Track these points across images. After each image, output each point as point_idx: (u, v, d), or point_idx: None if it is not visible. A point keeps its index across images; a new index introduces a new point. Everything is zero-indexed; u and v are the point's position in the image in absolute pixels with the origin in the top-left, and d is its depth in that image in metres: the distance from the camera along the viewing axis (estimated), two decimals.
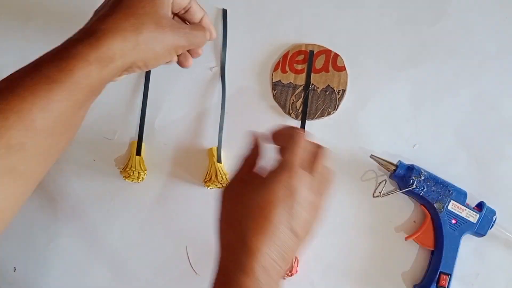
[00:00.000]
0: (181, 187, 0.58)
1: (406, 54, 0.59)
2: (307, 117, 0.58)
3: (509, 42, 0.58)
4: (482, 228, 0.53)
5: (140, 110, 0.59)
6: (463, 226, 0.53)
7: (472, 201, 0.55)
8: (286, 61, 0.59)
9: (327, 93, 0.58)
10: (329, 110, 0.58)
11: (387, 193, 0.56)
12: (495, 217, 0.54)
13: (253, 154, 0.46)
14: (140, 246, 0.57)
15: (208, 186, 0.56)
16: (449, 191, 0.54)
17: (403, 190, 0.55)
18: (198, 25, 0.50)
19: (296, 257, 0.55)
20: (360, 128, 0.58)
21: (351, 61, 0.59)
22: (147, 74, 0.60)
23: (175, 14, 0.49)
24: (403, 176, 0.54)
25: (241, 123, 0.59)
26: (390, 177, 0.56)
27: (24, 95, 0.37)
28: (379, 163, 0.56)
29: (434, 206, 0.54)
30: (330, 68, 0.58)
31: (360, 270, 0.56)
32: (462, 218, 0.53)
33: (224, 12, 0.60)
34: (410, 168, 0.54)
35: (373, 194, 0.56)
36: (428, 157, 0.56)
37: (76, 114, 0.41)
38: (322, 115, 0.58)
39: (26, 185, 0.40)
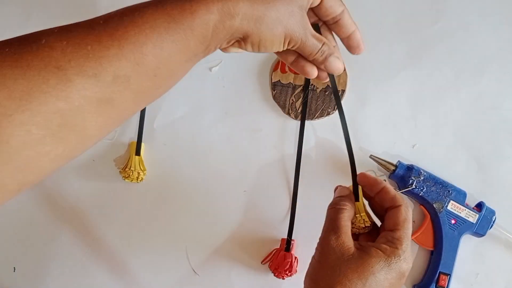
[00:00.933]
0: (180, 187, 0.58)
1: (406, 54, 0.59)
2: (306, 117, 0.58)
3: (509, 42, 0.58)
4: (481, 228, 0.53)
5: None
6: (463, 226, 0.53)
7: (472, 201, 0.55)
8: None
9: (326, 93, 0.58)
10: (329, 110, 0.58)
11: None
12: (494, 217, 0.53)
13: (348, 209, 0.44)
14: (140, 246, 0.57)
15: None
16: (449, 191, 0.53)
17: (403, 190, 0.54)
18: (334, 48, 0.45)
19: (295, 257, 0.55)
20: (360, 128, 0.58)
21: (351, 61, 0.59)
22: None
23: (323, 22, 0.45)
24: (403, 176, 0.54)
25: (240, 123, 0.59)
26: (389, 177, 0.56)
27: (143, 27, 0.36)
28: (378, 163, 0.55)
29: (433, 206, 0.53)
30: None
31: None
32: (461, 218, 0.53)
33: None
34: (410, 168, 0.54)
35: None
36: (427, 157, 0.56)
37: (181, 64, 0.39)
38: (321, 115, 0.58)
39: (117, 119, 0.38)
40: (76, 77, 0.33)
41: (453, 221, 0.53)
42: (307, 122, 0.58)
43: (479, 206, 0.54)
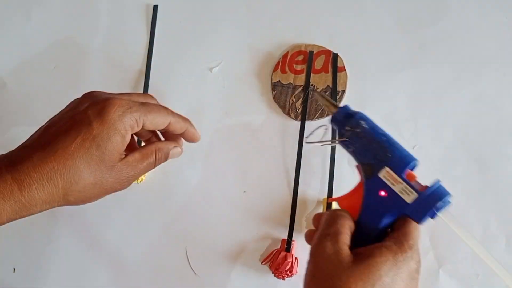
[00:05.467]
0: (180, 187, 0.58)
1: (406, 54, 0.59)
2: (306, 118, 0.58)
3: (509, 42, 0.58)
4: (416, 213, 0.39)
5: None
6: (391, 203, 0.39)
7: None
8: (285, 61, 0.59)
9: (326, 93, 0.58)
10: None
11: (318, 142, 0.45)
12: (442, 205, 0.39)
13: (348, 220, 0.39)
14: (139, 246, 0.57)
15: None
16: (388, 154, 0.40)
17: (328, 141, 0.44)
18: (147, 154, 0.43)
19: (296, 258, 0.55)
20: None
21: (351, 61, 0.59)
22: (147, 74, 0.60)
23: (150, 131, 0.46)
24: (341, 123, 0.41)
25: (240, 123, 0.59)
26: (330, 121, 0.44)
27: None
28: (320, 101, 0.45)
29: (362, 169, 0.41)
30: (330, 68, 0.58)
31: None
32: (393, 192, 0.39)
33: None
34: (349, 116, 0.41)
35: (305, 137, 0.49)
36: (428, 158, 0.56)
37: None
38: (321, 115, 0.58)
39: None
40: None
41: (382, 193, 0.39)
42: (307, 123, 0.58)
43: (431, 187, 0.39)
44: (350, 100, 0.58)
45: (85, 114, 0.39)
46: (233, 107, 0.59)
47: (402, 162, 0.39)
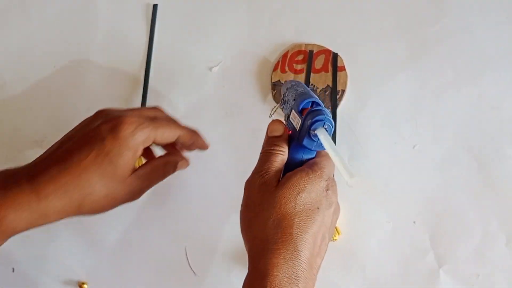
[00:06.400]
0: (180, 187, 0.58)
1: (406, 54, 0.59)
2: None
3: (509, 42, 0.58)
4: (303, 139, 0.43)
5: None
6: (292, 137, 0.45)
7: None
8: (285, 61, 0.59)
9: (326, 93, 0.58)
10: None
11: (272, 111, 0.52)
12: (322, 123, 0.42)
13: (279, 147, 0.45)
14: (139, 246, 0.57)
15: None
16: (294, 99, 0.45)
17: (276, 106, 0.51)
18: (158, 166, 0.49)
19: None
20: (360, 128, 0.58)
21: (351, 61, 0.59)
22: (147, 74, 0.60)
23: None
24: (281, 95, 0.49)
25: (240, 123, 0.59)
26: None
27: None
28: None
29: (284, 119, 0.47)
30: (330, 68, 0.58)
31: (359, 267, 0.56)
32: (294, 128, 0.45)
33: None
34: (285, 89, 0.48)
35: (270, 115, 0.53)
36: (428, 158, 0.56)
37: None
38: None
39: None
40: None
41: (290, 132, 0.46)
42: None
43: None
44: (350, 99, 0.58)
45: (98, 130, 0.42)
46: (233, 107, 0.59)
47: (297, 102, 0.44)
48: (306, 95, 0.45)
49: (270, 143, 0.45)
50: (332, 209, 0.43)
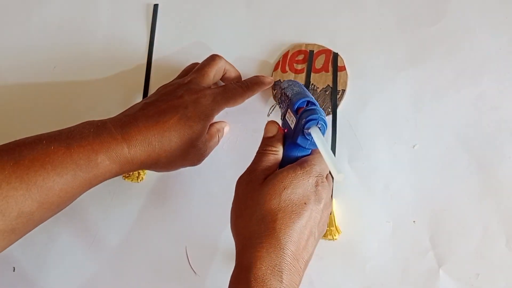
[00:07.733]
0: (180, 187, 0.58)
1: (406, 54, 0.59)
2: None
3: (509, 42, 0.58)
4: (297, 137, 0.45)
5: None
6: (288, 135, 0.47)
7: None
8: (286, 60, 0.59)
9: (327, 93, 0.58)
10: (329, 110, 0.58)
11: (270, 110, 0.56)
12: (315, 122, 0.43)
13: (274, 143, 0.47)
14: (139, 246, 0.57)
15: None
16: (290, 99, 0.47)
17: (273, 105, 0.54)
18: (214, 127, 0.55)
19: None
20: (360, 128, 0.58)
21: (351, 61, 0.59)
22: (147, 74, 0.60)
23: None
24: (278, 91, 0.51)
25: (240, 123, 0.59)
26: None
27: (51, 173, 0.41)
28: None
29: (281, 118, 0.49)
30: (330, 68, 0.58)
31: (361, 268, 0.56)
32: (290, 127, 0.46)
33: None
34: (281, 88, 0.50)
35: (268, 114, 0.56)
36: (428, 158, 0.56)
37: (82, 193, 0.46)
38: None
39: (19, 238, 0.44)
40: None
41: (286, 130, 0.48)
42: None
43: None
44: (350, 99, 0.58)
45: (182, 99, 0.48)
46: (233, 107, 0.59)
47: (293, 101, 0.46)
48: (301, 95, 0.46)
49: (264, 143, 0.48)
50: (321, 205, 0.44)
